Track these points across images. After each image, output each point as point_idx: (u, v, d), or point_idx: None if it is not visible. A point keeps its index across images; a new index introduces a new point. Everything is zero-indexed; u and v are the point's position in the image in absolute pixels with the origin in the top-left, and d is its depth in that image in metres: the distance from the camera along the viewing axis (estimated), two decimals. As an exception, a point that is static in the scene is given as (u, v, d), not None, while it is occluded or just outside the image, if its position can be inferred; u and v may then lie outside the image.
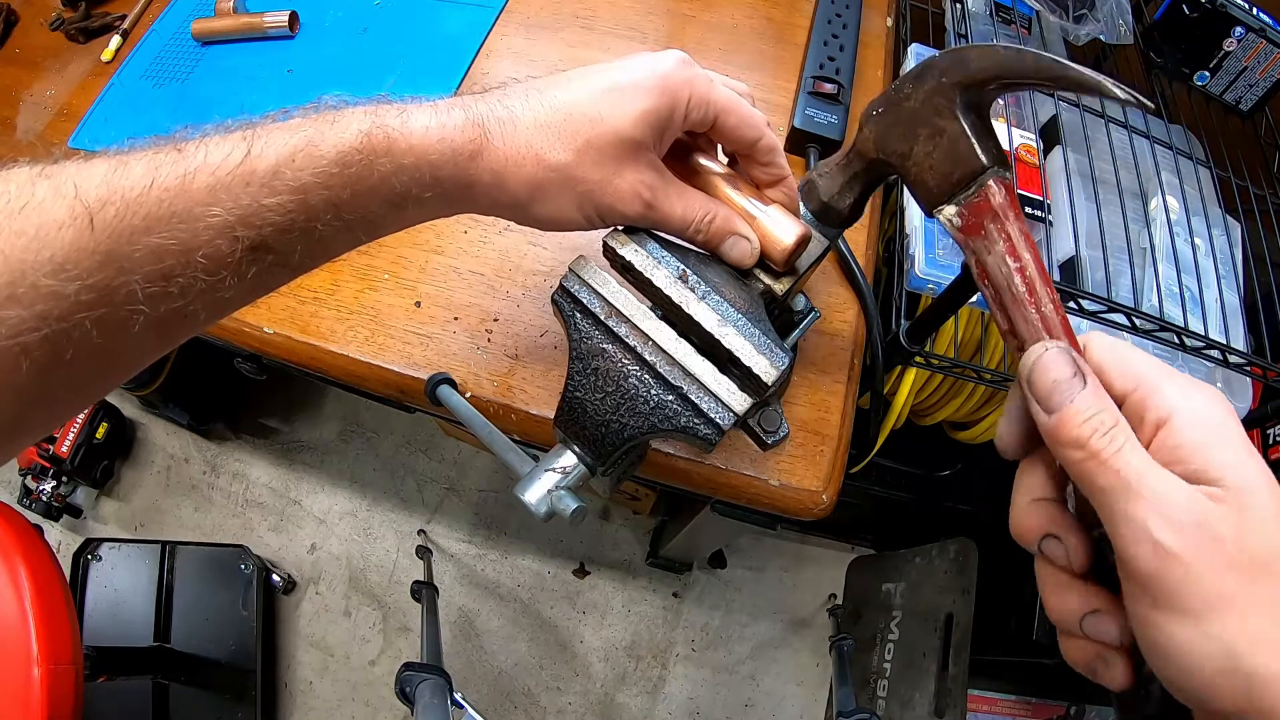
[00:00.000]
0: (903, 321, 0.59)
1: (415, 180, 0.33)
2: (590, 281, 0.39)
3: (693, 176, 0.41)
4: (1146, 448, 0.26)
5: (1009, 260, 0.31)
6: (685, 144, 0.41)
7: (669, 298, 0.38)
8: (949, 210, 0.34)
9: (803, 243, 0.40)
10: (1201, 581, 0.24)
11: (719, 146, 0.43)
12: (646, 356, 0.37)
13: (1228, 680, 0.23)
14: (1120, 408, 0.27)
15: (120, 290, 0.26)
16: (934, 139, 0.34)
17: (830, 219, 0.41)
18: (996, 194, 0.32)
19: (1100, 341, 0.29)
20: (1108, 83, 0.30)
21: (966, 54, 0.33)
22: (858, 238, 0.59)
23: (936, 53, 0.38)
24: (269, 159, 0.30)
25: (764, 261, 0.41)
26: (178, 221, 0.27)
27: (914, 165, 0.35)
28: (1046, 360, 0.28)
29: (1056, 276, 0.63)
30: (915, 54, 0.70)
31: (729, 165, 0.42)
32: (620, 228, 0.40)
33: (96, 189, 0.26)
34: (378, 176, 0.32)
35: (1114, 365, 0.28)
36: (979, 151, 0.33)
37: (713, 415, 0.36)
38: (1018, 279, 0.31)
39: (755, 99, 0.41)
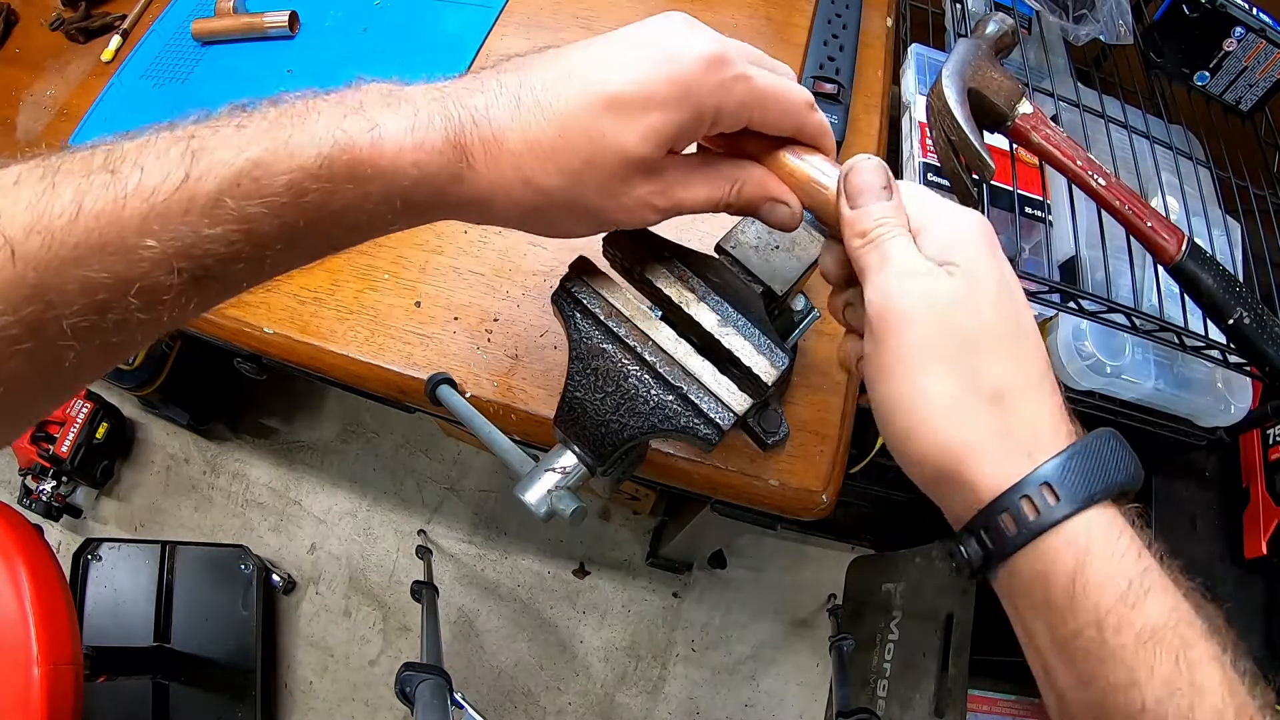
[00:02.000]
0: (903, 321, 0.59)
1: (384, 205, 0.29)
2: (590, 281, 0.39)
3: (741, 151, 0.36)
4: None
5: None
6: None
7: (669, 298, 0.38)
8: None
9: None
10: (914, 333, 0.29)
11: None
12: (646, 356, 0.37)
13: (913, 428, 0.29)
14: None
15: (50, 326, 0.24)
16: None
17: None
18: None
19: (908, 191, 0.33)
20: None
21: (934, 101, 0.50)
22: (858, 238, 0.59)
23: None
24: (210, 183, 0.25)
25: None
26: (109, 253, 0.24)
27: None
28: (867, 166, 0.32)
29: (1056, 276, 0.63)
30: (915, 54, 0.70)
31: None
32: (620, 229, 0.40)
33: (21, 216, 0.23)
34: (339, 205, 0.28)
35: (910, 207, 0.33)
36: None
37: (713, 415, 0.36)
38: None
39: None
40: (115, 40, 0.73)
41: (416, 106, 0.29)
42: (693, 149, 0.35)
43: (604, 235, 0.40)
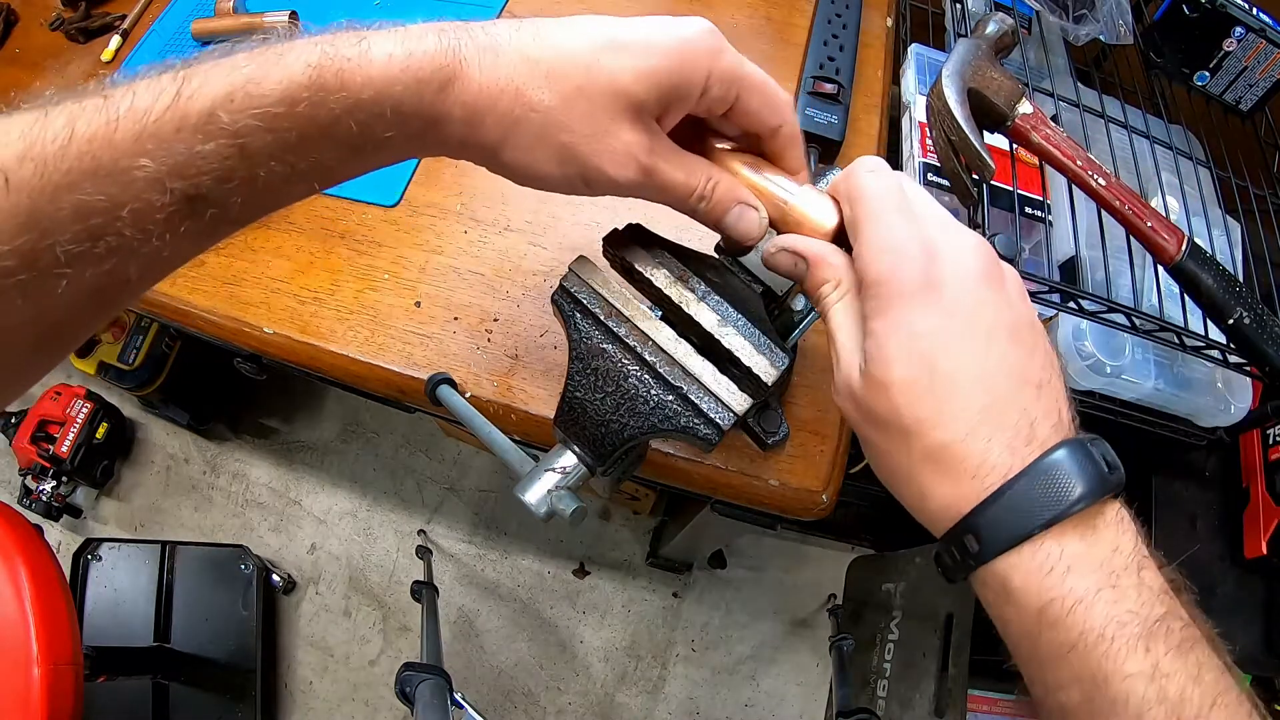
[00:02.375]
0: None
1: (374, 117, 0.29)
2: (590, 281, 0.39)
3: (705, 155, 0.37)
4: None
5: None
6: (698, 125, 0.38)
7: (669, 298, 0.38)
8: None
9: (841, 227, 0.36)
10: (852, 422, 0.34)
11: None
12: (646, 356, 0.37)
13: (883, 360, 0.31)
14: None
15: (45, 255, 0.24)
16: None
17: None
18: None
19: (846, 193, 0.35)
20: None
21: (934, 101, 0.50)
22: (858, 238, 0.59)
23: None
24: (202, 100, 0.26)
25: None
26: (103, 175, 0.24)
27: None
28: (774, 261, 0.36)
29: (1056, 276, 0.63)
30: (915, 54, 0.70)
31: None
32: (620, 227, 0.40)
33: (14, 145, 0.24)
34: (329, 116, 0.28)
35: (851, 223, 0.34)
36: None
37: (712, 415, 0.36)
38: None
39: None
40: (115, 40, 0.73)
41: (408, 30, 0.30)
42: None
43: (604, 235, 0.40)
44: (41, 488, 1.33)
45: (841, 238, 0.36)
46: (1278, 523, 0.70)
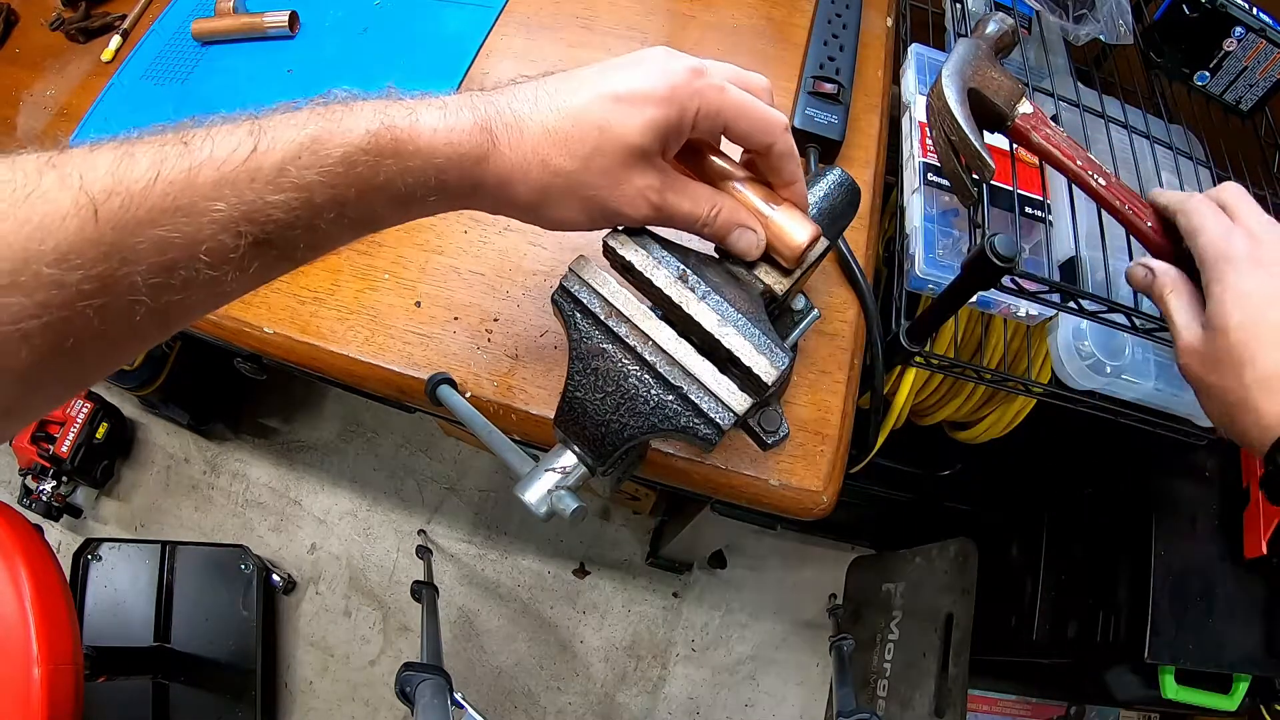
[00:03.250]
0: (903, 321, 0.59)
1: (420, 182, 0.34)
2: (590, 281, 0.39)
3: (703, 174, 0.41)
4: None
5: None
6: (698, 142, 0.41)
7: (669, 298, 0.38)
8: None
9: (814, 241, 0.40)
10: (1195, 377, 0.46)
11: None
12: (646, 356, 0.37)
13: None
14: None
15: (123, 281, 0.26)
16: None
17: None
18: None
19: (1184, 211, 0.48)
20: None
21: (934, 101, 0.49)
22: (858, 238, 0.59)
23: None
24: (275, 155, 0.29)
25: (774, 260, 0.41)
26: (181, 215, 0.27)
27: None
28: (1129, 273, 0.51)
29: (1056, 276, 0.63)
30: (915, 54, 0.70)
31: (746, 164, 0.42)
32: (620, 228, 0.40)
33: (102, 180, 0.26)
34: (384, 177, 0.32)
35: (1187, 232, 0.47)
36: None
37: (713, 415, 0.36)
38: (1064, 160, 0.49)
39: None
40: (115, 40, 0.73)
41: (446, 103, 0.35)
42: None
43: (604, 235, 0.40)
44: (41, 488, 1.33)
45: (809, 252, 0.41)
46: (1278, 523, 0.70)
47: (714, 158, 0.41)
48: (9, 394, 0.26)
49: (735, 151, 0.42)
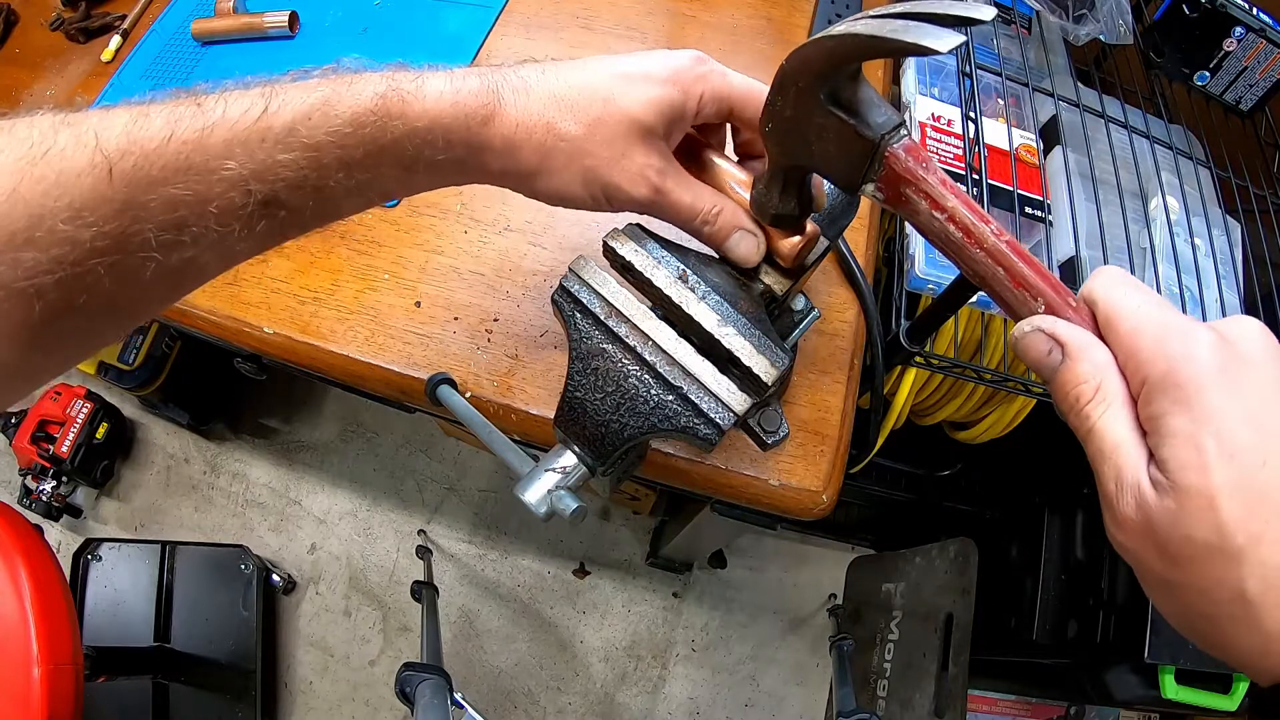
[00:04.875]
0: (903, 321, 0.59)
1: (427, 143, 0.34)
2: (590, 281, 0.39)
3: (703, 173, 0.41)
4: (1136, 399, 0.27)
5: (936, 215, 0.31)
6: (698, 142, 0.41)
7: (669, 298, 0.38)
8: (869, 189, 0.33)
9: (812, 241, 0.40)
10: (1140, 562, 0.27)
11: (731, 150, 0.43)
12: (646, 356, 0.37)
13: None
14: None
15: (135, 238, 0.27)
16: (822, 135, 0.33)
17: (786, 224, 0.39)
18: (899, 159, 0.32)
19: (1101, 291, 0.29)
20: (927, 40, 0.26)
21: (804, 52, 0.32)
22: (858, 238, 0.59)
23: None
24: (285, 116, 0.30)
25: (772, 259, 0.41)
26: (193, 174, 0.28)
27: (820, 161, 0.34)
28: (1025, 344, 0.30)
29: (1056, 276, 0.63)
30: (915, 54, 0.70)
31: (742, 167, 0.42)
32: (620, 227, 0.40)
33: (117, 139, 0.27)
34: (390, 138, 0.33)
35: (1110, 318, 0.28)
36: (861, 132, 0.31)
37: (713, 415, 0.36)
38: (951, 228, 0.31)
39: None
40: (115, 40, 0.73)
41: (454, 72, 0.36)
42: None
43: (604, 235, 0.40)
44: (41, 488, 1.33)
45: (806, 252, 0.40)
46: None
47: (716, 159, 0.41)
48: (20, 350, 0.27)
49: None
